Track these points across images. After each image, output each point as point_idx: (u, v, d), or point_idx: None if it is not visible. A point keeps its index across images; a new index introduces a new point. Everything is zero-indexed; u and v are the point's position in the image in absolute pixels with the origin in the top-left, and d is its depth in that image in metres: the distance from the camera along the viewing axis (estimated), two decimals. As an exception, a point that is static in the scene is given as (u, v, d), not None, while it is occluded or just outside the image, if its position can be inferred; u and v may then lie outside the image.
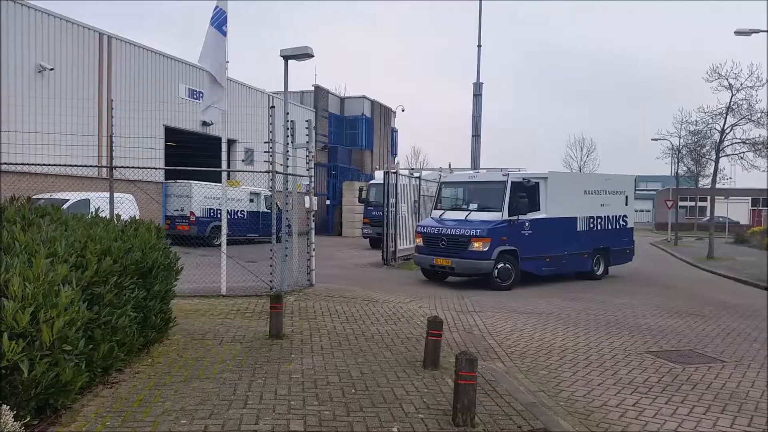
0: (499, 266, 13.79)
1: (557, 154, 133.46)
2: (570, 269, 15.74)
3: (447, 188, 16.39)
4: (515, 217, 14.02)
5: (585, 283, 15.52)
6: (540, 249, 14.61)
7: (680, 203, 44.48)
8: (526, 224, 14.25)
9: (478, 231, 13.78)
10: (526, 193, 14.29)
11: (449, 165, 25.77)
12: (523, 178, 14.44)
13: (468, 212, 14.73)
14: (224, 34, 10.54)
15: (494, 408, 5.19)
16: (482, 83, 25.46)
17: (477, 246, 13.72)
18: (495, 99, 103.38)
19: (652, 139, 36.53)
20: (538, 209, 14.59)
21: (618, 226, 16.93)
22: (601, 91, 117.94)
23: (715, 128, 27.64)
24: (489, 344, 8.17)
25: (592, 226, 16.03)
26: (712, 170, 29.14)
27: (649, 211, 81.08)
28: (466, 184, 16.03)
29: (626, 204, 17.24)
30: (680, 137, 34.92)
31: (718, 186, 29.37)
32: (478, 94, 25.43)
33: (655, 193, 72.40)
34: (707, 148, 32.48)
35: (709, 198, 33.96)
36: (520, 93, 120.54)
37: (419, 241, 15.33)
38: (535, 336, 8.82)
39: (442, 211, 15.55)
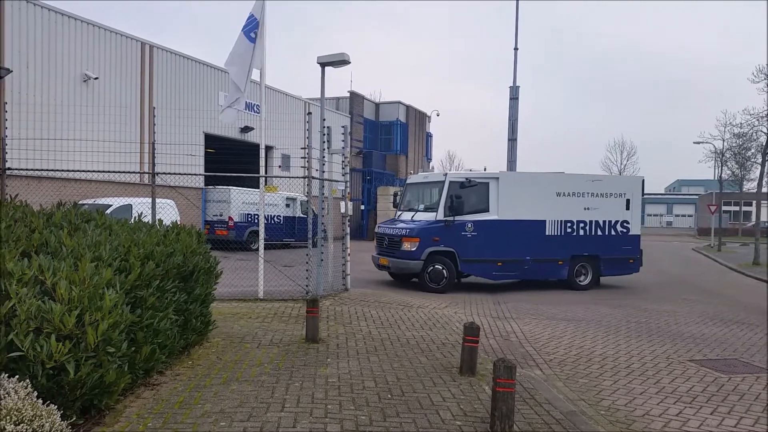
0: (430, 267, 13.55)
1: (597, 157, 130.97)
2: (537, 276, 14.81)
3: (409, 189, 16.05)
4: (451, 218, 13.71)
5: (625, 290, 15.20)
6: (488, 252, 13.98)
7: (724, 208, 43.10)
8: (469, 225, 13.75)
9: (408, 231, 13.66)
10: (469, 193, 13.90)
11: (485, 169, 25.62)
12: (466, 179, 14.07)
13: (415, 212, 14.72)
14: (252, 40, 10.80)
15: (533, 416, 5.12)
16: (519, 86, 25.23)
17: (406, 246, 13.62)
18: (527, 100, 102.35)
19: (694, 143, 35.65)
20: (487, 210, 14.06)
21: (614, 233, 15.19)
22: (639, 92, 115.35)
23: (761, 130, 26.83)
24: (527, 351, 8.06)
25: (570, 230, 14.76)
26: (757, 174, 28.27)
27: (691, 215, 79.03)
28: (420, 185, 15.83)
29: (628, 208, 15.31)
30: (724, 140, 34.00)
31: (764, 190, 28.45)
32: (514, 98, 25.18)
33: (697, 197, 70.56)
34: (752, 151, 31.55)
35: (754, 202, 32.86)
36: (555, 94, 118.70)
37: (375, 241, 15.55)
38: (575, 343, 8.67)
39: (401, 212, 15.53)
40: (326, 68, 11.74)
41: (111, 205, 15.50)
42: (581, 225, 14.86)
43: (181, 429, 4.36)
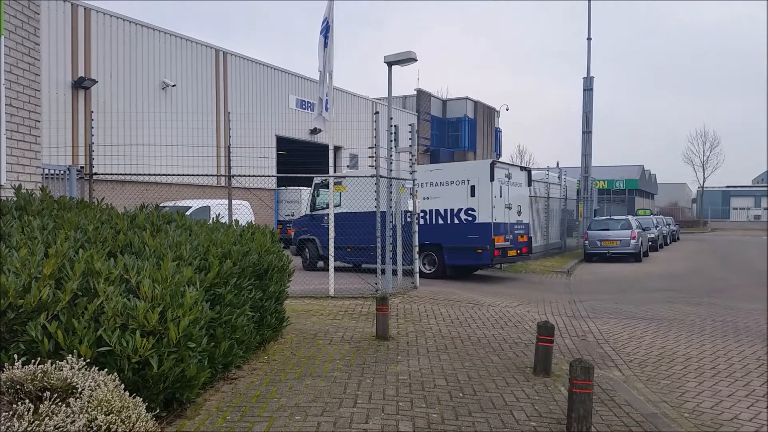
0: (301, 251, 16.81)
1: (677, 149, 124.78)
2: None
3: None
4: (310, 212, 17.04)
5: (709, 288, 14.44)
6: (340, 240, 13.91)
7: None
8: (326, 218, 14.40)
9: (292, 223, 15.82)
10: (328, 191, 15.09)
11: (557, 163, 24.95)
12: (322, 180, 16.37)
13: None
14: (326, 41, 10.87)
15: (612, 418, 4.94)
16: (593, 77, 24.45)
17: (290, 233, 17.63)
18: (604, 92, 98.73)
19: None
20: (340, 205, 14.63)
21: (458, 221, 14.75)
22: (723, 78, 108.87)
23: None
24: (605, 352, 7.79)
25: (409, 220, 14.36)
26: None
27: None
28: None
29: (473, 195, 14.57)
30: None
31: None
32: (588, 89, 24.41)
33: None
34: None
35: None
36: (630, 84, 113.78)
37: None
38: (656, 343, 8.30)
39: None
40: (393, 67, 11.77)
41: (191, 207, 16.12)
42: (421, 214, 14.81)
43: (259, 422, 4.49)
